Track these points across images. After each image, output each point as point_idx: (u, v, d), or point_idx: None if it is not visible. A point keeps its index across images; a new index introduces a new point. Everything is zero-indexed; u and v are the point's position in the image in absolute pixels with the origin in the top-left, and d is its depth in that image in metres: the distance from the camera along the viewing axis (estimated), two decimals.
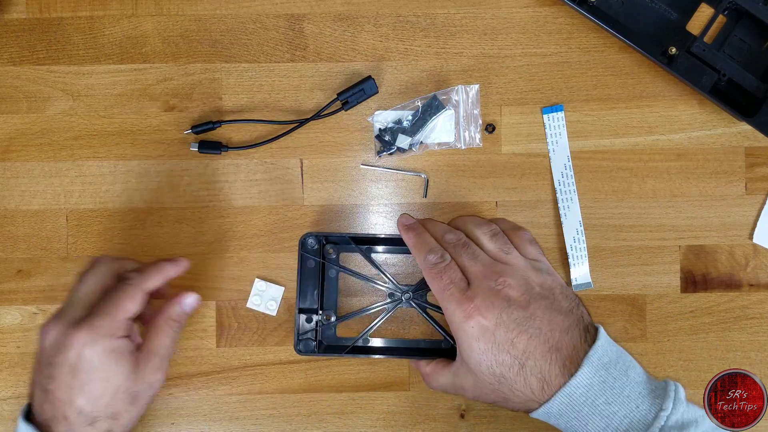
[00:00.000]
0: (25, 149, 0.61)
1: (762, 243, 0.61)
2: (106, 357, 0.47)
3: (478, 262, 0.50)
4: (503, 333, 0.47)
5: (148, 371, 0.49)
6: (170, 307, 0.52)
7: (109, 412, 0.48)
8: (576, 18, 0.61)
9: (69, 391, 0.47)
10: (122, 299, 0.49)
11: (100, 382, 0.47)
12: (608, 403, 0.46)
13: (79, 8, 0.61)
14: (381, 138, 0.60)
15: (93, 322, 0.48)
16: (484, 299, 0.48)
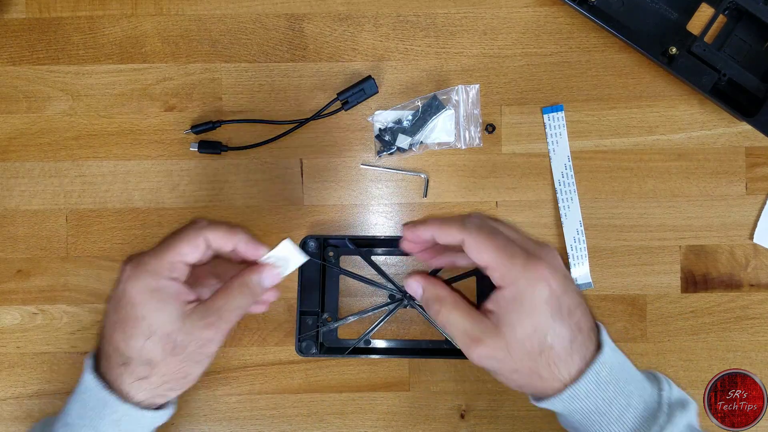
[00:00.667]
0: (24, 149, 0.61)
1: (762, 243, 0.61)
2: (146, 295, 0.45)
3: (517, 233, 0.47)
4: (567, 300, 0.45)
5: (198, 325, 0.45)
6: (247, 272, 0.48)
7: (143, 356, 0.45)
8: (576, 18, 0.61)
9: (111, 327, 0.46)
10: (179, 241, 0.46)
11: (136, 320, 0.45)
12: (627, 382, 0.46)
13: (78, 8, 0.61)
14: (381, 138, 0.60)
15: (142, 258, 0.46)
16: (551, 262, 0.45)
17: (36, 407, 0.61)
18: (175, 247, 0.46)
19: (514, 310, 0.45)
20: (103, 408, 0.46)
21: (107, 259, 0.61)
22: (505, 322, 0.45)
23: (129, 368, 0.45)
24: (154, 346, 0.45)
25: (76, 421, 0.47)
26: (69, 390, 0.61)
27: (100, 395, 0.45)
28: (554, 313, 0.45)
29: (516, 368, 0.46)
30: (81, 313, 0.61)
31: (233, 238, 0.48)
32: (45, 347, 0.61)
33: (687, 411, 0.48)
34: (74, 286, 0.61)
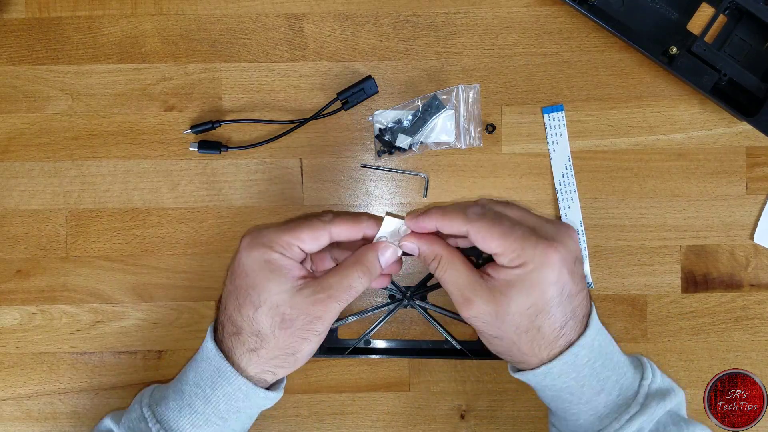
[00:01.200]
0: (24, 149, 0.61)
1: (763, 243, 0.61)
2: (258, 265, 0.45)
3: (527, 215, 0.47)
4: (571, 287, 0.45)
5: (308, 301, 0.45)
6: (366, 251, 0.48)
7: (252, 327, 0.45)
8: (576, 17, 0.61)
9: (226, 296, 0.46)
10: (302, 227, 0.46)
11: (247, 289, 0.45)
12: (604, 366, 0.47)
13: (78, 8, 0.61)
14: (381, 138, 0.60)
15: (261, 230, 0.46)
16: (563, 244, 0.45)
17: (35, 407, 0.61)
18: (296, 231, 0.46)
19: (515, 286, 0.45)
20: (218, 377, 0.46)
21: (107, 259, 0.61)
22: (503, 292, 0.45)
23: (240, 338, 0.46)
24: (262, 317, 0.45)
25: (191, 389, 0.47)
26: (69, 390, 0.61)
27: (218, 364, 0.46)
28: (554, 298, 0.45)
29: (499, 336, 0.46)
30: (80, 313, 0.61)
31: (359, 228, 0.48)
32: (45, 347, 0.61)
33: (666, 401, 0.48)
34: (74, 286, 0.61)
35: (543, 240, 0.45)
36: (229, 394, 0.46)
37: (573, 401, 0.48)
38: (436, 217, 0.48)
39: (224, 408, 0.46)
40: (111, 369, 0.62)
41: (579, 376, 0.46)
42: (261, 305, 0.45)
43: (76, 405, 0.62)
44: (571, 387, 0.47)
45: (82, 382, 0.62)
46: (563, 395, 0.48)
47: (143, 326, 0.61)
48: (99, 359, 0.62)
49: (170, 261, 0.61)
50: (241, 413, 0.47)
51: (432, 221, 0.48)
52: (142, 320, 0.61)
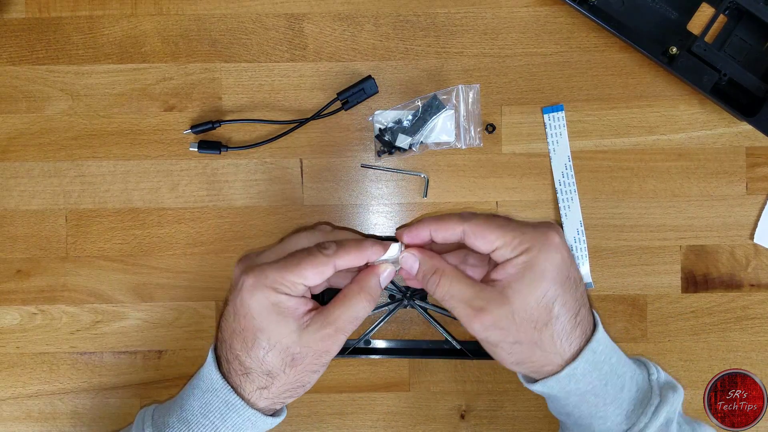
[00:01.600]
0: (24, 149, 0.61)
1: (763, 243, 0.61)
2: (265, 309, 0.44)
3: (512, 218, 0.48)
4: (574, 272, 0.45)
5: (316, 337, 0.44)
6: (366, 277, 0.47)
7: (263, 368, 0.45)
8: (576, 18, 0.61)
9: (231, 334, 0.45)
10: (306, 265, 0.45)
11: (255, 332, 0.44)
12: (619, 362, 0.47)
13: (78, 8, 0.61)
14: (381, 138, 0.60)
15: (264, 271, 0.45)
16: (559, 234, 0.45)
17: (35, 407, 0.61)
18: (299, 269, 0.45)
19: (524, 276, 0.44)
20: (227, 410, 0.45)
21: (107, 259, 0.61)
22: (514, 288, 0.44)
23: (250, 377, 0.45)
24: (273, 359, 0.45)
25: (198, 419, 0.46)
26: (69, 390, 0.61)
27: (227, 397, 0.45)
28: (564, 282, 0.44)
29: (519, 339, 0.44)
30: (81, 313, 0.61)
31: (363, 255, 0.47)
32: (45, 347, 0.61)
33: (677, 393, 0.48)
34: (74, 286, 0.61)
35: (539, 226, 0.45)
36: (238, 425, 0.46)
37: (599, 403, 0.46)
38: (430, 223, 0.47)
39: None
40: (111, 369, 0.62)
41: (601, 374, 0.45)
42: (271, 348, 0.45)
43: (76, 405, 0.62)
44: (596, 387, 0.45)
45: (82, 382, 0.62)
46: (589, 398, 0.46)
47: (143, 326, 0.61)
48: (99, 359, 0.61)
49: (170, 261, 0.61)
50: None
51: (426, 229, 0.47)
52: (142, 320, 0.61)
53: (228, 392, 0.45)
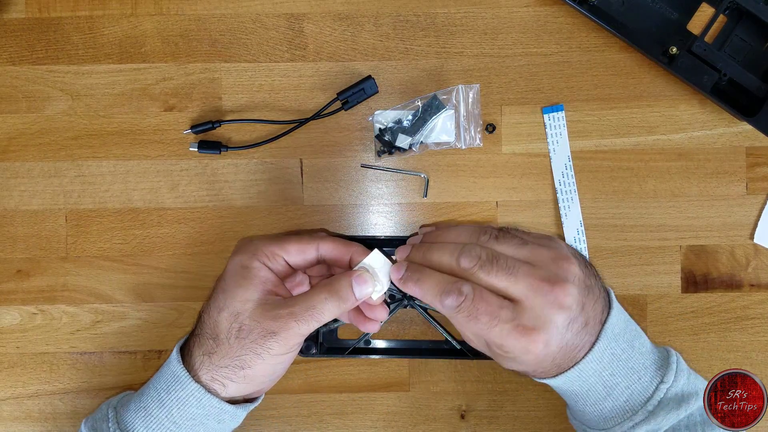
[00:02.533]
0: (24, 149, 0.61)
1: (763, 243, 0.61)
2: (235, 270, 0.45)
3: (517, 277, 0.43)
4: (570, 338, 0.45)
5: (269, 314, 0.44)
6: (339, 276, 0.46)
7: (212, 329, 0.45)
8: (577, 18, 0.61)
9: (206, 301, 0.47)
10: (290, 240, 0.47)
11: (218, 291, 0.46)
12: (612, 374, 0.47)
13: (78, 8, 0.61)
14: (381, 138, 0.60)
15: (253, 240, 0.47)
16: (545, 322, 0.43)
17: (36, 407, 0.61)
18: (283, 242, 0.47)
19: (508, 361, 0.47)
20: (173, 382, 0.46)
21: (107, 259, 0.61)
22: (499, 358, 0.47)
23: (200, 339, 0.46)
24: (222, 322, 0.45)
25: (149, 392, 0.47)
26: (69, 390, 0.61)
27: (175, 368, 0.46)
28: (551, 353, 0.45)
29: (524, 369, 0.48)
30: (81, 313, 0.61)
31: (347, 249, 0.48)
32: (45, 347, 0.61)
33: (682, 408, 0.48)
34: (74, 286, 0.61)
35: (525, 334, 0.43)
36: (182, 400, 0.45)
37: (579, 401, 0.49)
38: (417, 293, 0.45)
39: (177, 414, 0.45)
40: (111, 369, 0.61)
41: (585, 384, 0.47)
42: (224, 309, 0.45)
43: (76, 405, 0.62)
44: (577, 392, 0.48)
45: (82, 382, 0.62)
46: (571, 396, 0.50)
47: (143, 326, 0.61)
48: (99, 359, 0.61)
49: (170, 261, 0.61)
50: (197, 423, 0.46)
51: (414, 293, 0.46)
52: (142, 320, 0.61)
53: (177, 364, 0.46)
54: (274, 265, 0.46)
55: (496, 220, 0.61)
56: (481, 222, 0.61)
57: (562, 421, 0.61)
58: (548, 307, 0.43)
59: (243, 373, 0.45)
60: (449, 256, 0.44)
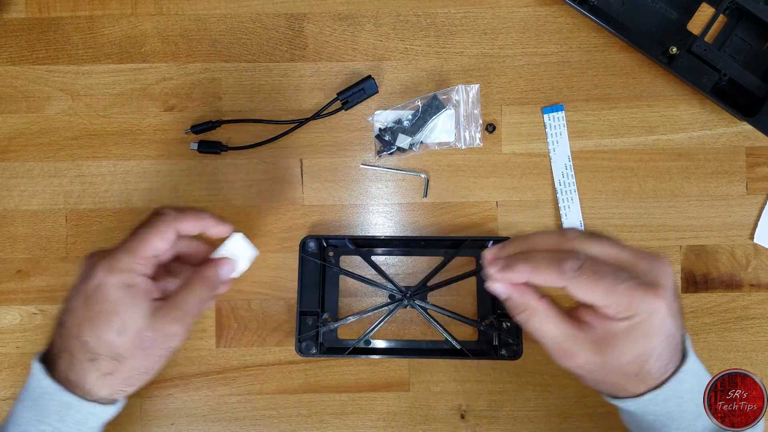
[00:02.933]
0: (24, 149, 0.61)
1: (763, 243, 0.61)
2: (120, 291, 0.45)
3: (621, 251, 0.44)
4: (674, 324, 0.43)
5: (165, 320, 0.46)
6: (205, 266, 0.49)
7: (113, 351, 0.45)
8: (576, 18, 0.61)
9: (79, 323, 0.45)
10: (150, 234, 0.46)
11: (109, 315, 0.45)
12: (700, 392, 0.47)
13: (78, 8, 0.61)
14: (381, 138, 0.60)
15: (115, 254, 0.46)
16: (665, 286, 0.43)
17: None
18: (147, 241, 0.46)
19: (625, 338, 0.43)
20: (66, 410, 0.46)
21: None
22: (611, 345, 0.43)
23: (96, 364, 0.45)
24: (124, 342, 0.45)
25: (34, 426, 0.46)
26: None
27: (63, 398, 0.45)
28: (662, 343, 0.43)
29: (604, 380, 0.45)
30: None
31: (201, 222, 0.48)
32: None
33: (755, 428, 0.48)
34: None
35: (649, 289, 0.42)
36: (79, 421, 0.46)
37: (672, 426, 0.47)
38: (526, 271, 0.44)
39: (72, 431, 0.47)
40: None
41: (681, 402, 0.46)
42: (124, 330, 0.45)
43: None
44: (672, 413, 0.46)
45: None
46: (663, 420, 0.46)
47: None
48: None
49: None
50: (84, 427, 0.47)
51: (522, 275, 0.44)
52: None
53: (62, 393, 0.46)
54: (148, 271, 0.47)
55: (496, 220, 0.61)
56: (481, 222, 0.61)
57: (561, 421, 0.61)
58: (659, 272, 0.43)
59: (146, 376, 0.47)
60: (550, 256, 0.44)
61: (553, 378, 0.61)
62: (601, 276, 0.42)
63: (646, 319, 0.43)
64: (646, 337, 0.43)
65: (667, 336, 0.44)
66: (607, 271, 0.42)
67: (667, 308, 0.43)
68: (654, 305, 0.42)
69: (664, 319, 0.43)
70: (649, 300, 0.42)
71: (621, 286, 0.42)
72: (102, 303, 0.45)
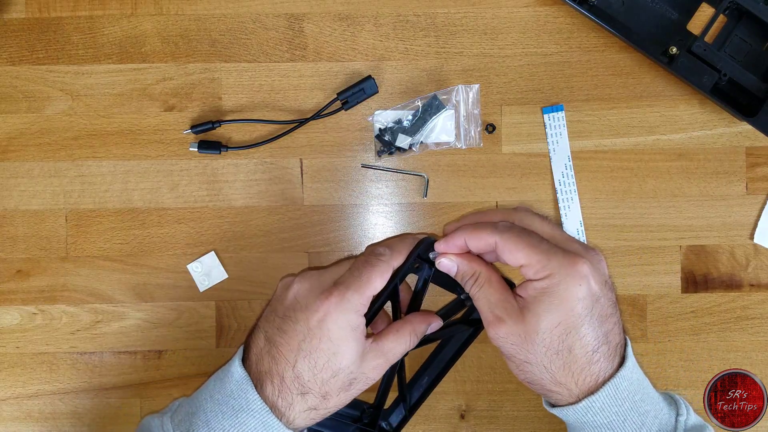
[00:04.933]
0: (24, 149, 0.61)
1: (763, 243, 0.61)
2: (345, 332, 0.44)
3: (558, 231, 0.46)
4: (602, 307, 0.44)
5: (371, 365, 0.46)
6: (419, 322, 0.49)
7: (323, 389, 0.45)
8: (576, 18, 0.61)
9: (297, 353, 0.45)
10: (374, 275, 0.46)
11: (329, 355, 0.44)
12: (643, 400, 0.45)
13: (78, 8, 0.61)
14: (381, 138, 0.60)
15: (345, 293, 0.45)
16: (594, 263, 0.44)
17: (36, 407, 0.61)
18: (371, 282, 0.46)
19: (541, 302, 0.43)
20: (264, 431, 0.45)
21: (107, 259, 0.61)
22: (530, 310, 0.44)
23: (305, 398, 0.45)
24: (336, 382, 0.45)
25: None
26: (69, 390, 0.61)
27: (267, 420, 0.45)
28: (585, 315, 0.43)
29: (528, 360, 0.44)
30: (80, 313, 0.61)
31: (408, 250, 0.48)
32: (45, 347, 0.61)
33: None
34: (74, 286, 0.61)
35: (571, 253, 0.44)
36: None
37: None
38: (467, 230, 0.47)
39: None
40: (111, 369, 0.61)
41: (620, 411, 0.44)
42: (339, 372, 0.45)
43: (76, 405, 0.62)
44: (613, 423, 0.44)
45: (82, 382, 0.62)
46: None
47: (143, 326, 0.61)
48: (99, 359, 0.61)
49: (170, 261, 0.61)
50: None
51: (461, 238, 0.47)
52: (142, 320, 0.61)
53: (269, 416, 0.45)
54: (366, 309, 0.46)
55: None
56: None
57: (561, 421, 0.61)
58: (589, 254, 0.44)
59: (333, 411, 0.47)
60: None
61: None
62: (528, 235, 0.44)
63: (563, 281, 0.43)
64: (564, 303, 0.43)
65: (589, 310, 0.43)
66: (534, 234, 0.45)
67: (589, 275, 0.43)
68: (572, 269, 0.43)
69: (584, 288, 0.43)
70: (568, 261, 0.43)
71: (544, 245, 0.44)
72: (324, 340, 0.44)
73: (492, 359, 0.61)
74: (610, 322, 0.44)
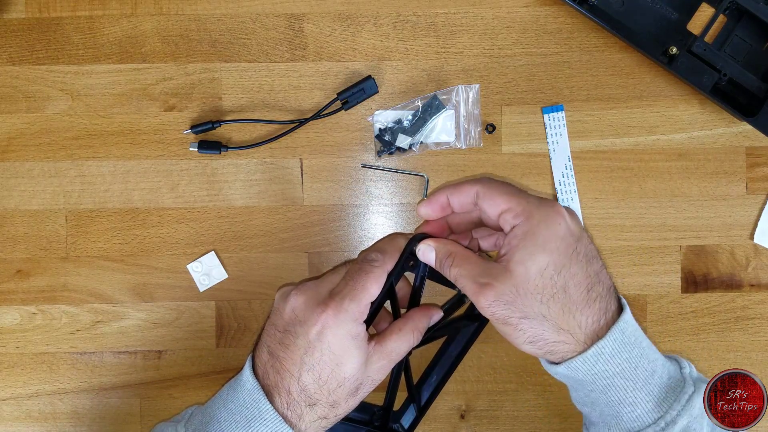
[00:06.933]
0: (24, 149, 0.61)
1: (763, 243, 0.61)
2: (345, 342, 0.44)
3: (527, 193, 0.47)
4: (585, 247, 0.44)
5: (375, 368, 0.46)
6: (420, 317, 0.49)
7: (331, 398, 0.45)
8: (576, 18, 0.61)
9: (300, 366, 0.45)
10: (369, 282, 0.46)
11: (332, 366, 0.45)
12: (649, 347, 0.45)
13: (78, 8, 0.61)
14: (381, 138, 0.60)
15: (342, 304, 0.45)
16: (569, 212, 0.45)
17: (36, 407, 0.61)
18: (368, 289, 0.46)
19: (525, 246, 0.43)
20: None
21: (107, 259, 0.61)
22: (515, 260, 0.43)
23: (314, 408, 0.45)
24: (343, 391, 0.45)
25: None
26: (69, 390, 0.61)
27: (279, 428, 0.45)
28: (570, 253, 0.43)
29: (526, 314, 0.43)
30: (80, 313, 0.61)
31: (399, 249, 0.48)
32: (44, 347, 0.61)
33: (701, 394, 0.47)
34: (74, 286, 0.61)
35: (546, 198, 0.45)
36: None
37: (628, 387, 0.44)
38: (447, 188, 0.47)
39: None
40: (111, 369, 0.62)
41: (631, 356, 0.43)
42: (345, 381, 0.45)
43: (76, 405, 0.62)
44: (626, 370, 0.43)
45: (82, 382, 0.62)
46: (617, 382, 0.44)
47: (143, 326, 0.61)
48: (99, 359, 0.61)
49: (170, 261, 0.61)
50: None
51: (443, 194, 0.47)
52: (142, 320, 0.61)
53: (280, 423, 0.45)
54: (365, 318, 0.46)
55: None
56: None
57: (561, 421, 0.61)
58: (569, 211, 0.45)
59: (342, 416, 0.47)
60: None
61: (553, 378, 0.61)
62: (506, 185, 0.46)
63: (542, 222, 0.43)
64: (548, 243, 0.43)
65: (573, 248, 0.43)
66: (512, 185, 0.46)
67: (568, 215, 0.44)
68: (550, 209, 0.43)
69: (564, 226, 0.43)
70: (545, 204, 0.44)
71: (522, 192, 0.45)
72: (326, 353, 0.45)
73: (492, 359, 0.61)
74: (597, 264, 0.44)
